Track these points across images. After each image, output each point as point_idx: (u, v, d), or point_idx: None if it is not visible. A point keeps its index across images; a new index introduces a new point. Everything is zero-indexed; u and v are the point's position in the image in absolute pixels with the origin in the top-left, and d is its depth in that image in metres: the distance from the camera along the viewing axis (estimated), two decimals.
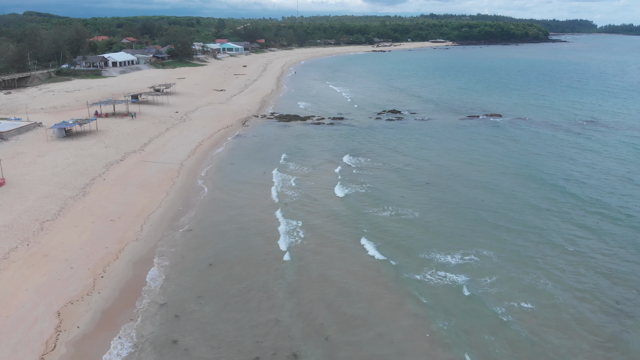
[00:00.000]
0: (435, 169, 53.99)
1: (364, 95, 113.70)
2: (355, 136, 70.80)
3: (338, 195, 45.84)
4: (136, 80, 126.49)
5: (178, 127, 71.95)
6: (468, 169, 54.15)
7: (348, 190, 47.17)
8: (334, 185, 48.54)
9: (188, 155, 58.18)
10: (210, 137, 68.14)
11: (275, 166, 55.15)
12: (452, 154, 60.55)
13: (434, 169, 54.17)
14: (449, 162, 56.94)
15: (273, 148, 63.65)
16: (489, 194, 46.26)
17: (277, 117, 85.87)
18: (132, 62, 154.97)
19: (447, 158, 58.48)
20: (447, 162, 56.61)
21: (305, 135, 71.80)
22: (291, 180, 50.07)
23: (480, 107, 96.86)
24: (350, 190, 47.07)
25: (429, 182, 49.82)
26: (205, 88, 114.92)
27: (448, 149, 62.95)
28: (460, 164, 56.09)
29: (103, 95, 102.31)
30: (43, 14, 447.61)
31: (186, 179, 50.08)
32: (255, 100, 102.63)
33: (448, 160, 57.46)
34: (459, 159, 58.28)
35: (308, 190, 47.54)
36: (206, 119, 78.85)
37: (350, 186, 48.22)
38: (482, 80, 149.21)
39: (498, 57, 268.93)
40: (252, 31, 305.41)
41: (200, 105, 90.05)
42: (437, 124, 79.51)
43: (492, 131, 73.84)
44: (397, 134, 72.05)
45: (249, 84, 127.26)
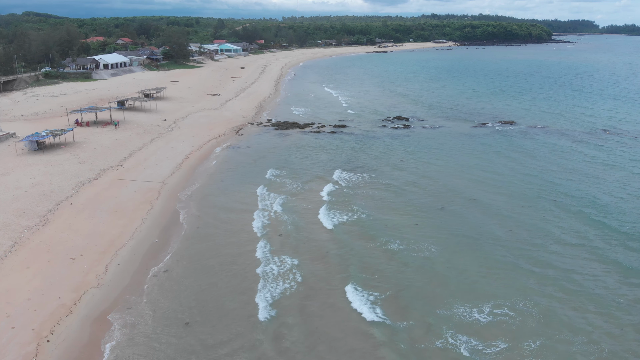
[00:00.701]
0: (446, 192, 47.34)
1: (368, 100, 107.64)
2: (357, 147, 64.75)
3: (328, 228, 38.83)
4: (127, 84, 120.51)
5: (164, 137, 65.91)
6: (484, 191, 47.76)
7: (344, 218, 40.68)
8: (327, 212, 42.19)
9: (172, 172, 52.15)
10: (200, 149, 62.12)
11: (267, 185, 49.10)
12: (465, 170, 54.32)
13: (445, 191, 47.50)
14: (462, 181, 50.60)
15: (267, 161, 57.61)
16: (511, 226, 40.01)
17: (274, 125, 79.90)
18: (124, 64, 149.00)
19: (460, 177, 52.04)
20: (460, 183, 50.21)
21: (304, 146, 65.79)
22: (282, 205, 44.00)
23: (491, 114, 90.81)
24: (347, 219, 40.57)
25: (441, 207, 43.64)
26: (198, 92, 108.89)
27: (461, 164, 56.67)
28: (475, 184, 49.76)
29: (90, 100, 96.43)
30: (41, 14, 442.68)
31: (167, 202, 44.05)
32: (251, 106, 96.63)
33: (461, 180, 51.07)
34: (473, 177, 52.00)
35: (299, 218, 41.46)
36: (196, 128, 72.83)
37: (347, 214, 41.57)
38: (489, 83, 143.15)
39: (503, 58, 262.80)
40: (251, 31, 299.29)
41: (191, 112, 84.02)
42: (447, 133, 73.43)
43: (507, 142, 67.69)
44: (404, 145, 65.99)
45: (245, 88, 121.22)
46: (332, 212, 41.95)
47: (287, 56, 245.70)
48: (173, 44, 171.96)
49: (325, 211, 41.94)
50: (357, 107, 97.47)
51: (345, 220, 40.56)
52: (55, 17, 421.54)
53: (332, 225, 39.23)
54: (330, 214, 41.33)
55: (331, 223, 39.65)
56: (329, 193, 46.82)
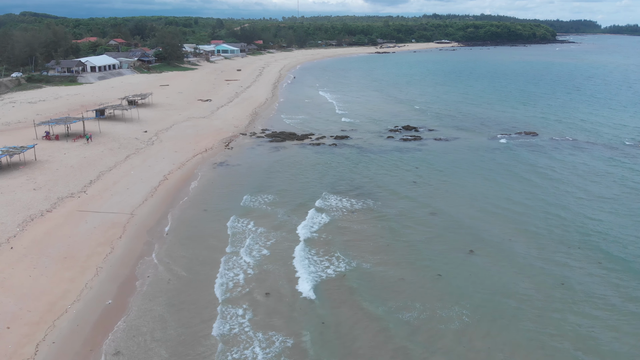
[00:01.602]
0: (469, 234, 38.17)
1: (371, 107, 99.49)
2: (361, 165, 56.64)
3: (309, 298, 29.13)
4: (114, 88, 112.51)
5: (142, 153, 57.81)
6: (517, 230, 39.21)
7: (330, 284, 32.12)
8: (313, 269, 33.77)
9: (145, 198, 44.06)
10: (181, 167, 54.02)
11: (253, 218, 41.02)
12: (490, 201, 45.37)
13: (467, 233, 38.34)
14: (487, 217, 41.24)
15: (257, 184, 49.53)
16: (563, 278, 32.01)
17: (270, 136, 71.86)
18: (113, 66, 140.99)
19: (485, 211, 42.47)
20: (485, 219, 40.78)
21: (300, 162, 57.71)
22: (259, 253, 35.92)
23: (507, 123, 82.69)
24: (333, 285, 32.17)
25: (469, 250, 35.52)
26: (188, 98, 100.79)
27: (485, 191, 47.66)
28: (503, 222, 40.34)
29: (70, 107, 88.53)
30: (40, 15, 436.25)
31: (132, 243, 35.95)
32: (245, 113, 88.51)
33: (486, 215, 41.51)
34: (500, 211, 42.59)
35: (277, 272, 33.41)
36: (181, 140, 64.74)
37: (345, 265, 33.49)
38: (499, 87, 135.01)
39: (509, 59, 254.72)
40: (249, 32, 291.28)
41: (177, 121, 75.88)
42: (464, 147, 65.29)
43: (533, 160, 59.36)
44: (415, 162, 57.84)
45: (240, 92, 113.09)
46: (321, 265, 33.43)
47: (286, 57, 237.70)
48: (166, 45, 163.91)
49: (310, 268, 32.84)
50: (360, 115, 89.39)
51: (338, 285, 32.38)
52: (53, 17, 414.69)
53: (315, 294, 29.39)
54: (317, 271, 32.19)
55: (315, 289, 29.82)
56: (322, 234, 38.67)
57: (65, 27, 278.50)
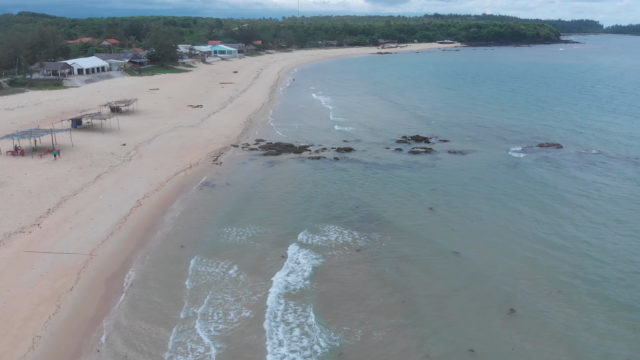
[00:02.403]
0: (504, 285, 30.77)
1: (376, 114, 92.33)
2: (367, 185, 49.46)
3: None
4: (99, 92, 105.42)
5: (117, 171, 50.63)
6: (560, 286, 31.75)
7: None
8: (287, 349, 26.92)
9: (111, 232, 36.94)
10: (160, 189, 46.87)
11: (239, 267, 33.90)
12: (523, 238, 37.61)
13: (501, 283, 30.95)
14: (524, 262, 33.94)
15: (246, 210, 42.45)
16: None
17: (264, 148, 64.77)
18: (102, 68, 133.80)
19: (520, 253, 34.87)
20: (522, 265, 33.49)
21: (296, 182, 50.56)
22: (224, 340, 28.81)
23: (526, 132, 75.54)
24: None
25: (510, 310, 28.39)
26: (178, 103, 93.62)
27: (515, 228, 39.73)
28: (543, 269, 32.94)
29: (50, 114, 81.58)
30: (38, 15, 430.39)
31: (85, 298, 28.83)
32: (238, 121, 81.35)
33: (522, 258, 34.05)
34: (538, 255, 34.85)
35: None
36: (163, 155, 57.59)
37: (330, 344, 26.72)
38: (509, 90, 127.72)
39: (515, 60, 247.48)
40: (247, 32, 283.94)
41: (161, 132, 68.66)
42: (482, 162, 58.06)
43: (565, 178, 52.07)
44: (429, 181, 50.61)
45: (235, 97, 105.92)
46: (306, 341, 26.61)
47: (285, 58, 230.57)
48: (159, 45, 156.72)
49: (290, 344, 26.13)
50: (364, 123, 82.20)
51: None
52: (51, 17, 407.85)
53: None
54: (299, 350, 25.07)
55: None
56: (314, 285, 31.52)
57: (61, 28, 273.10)
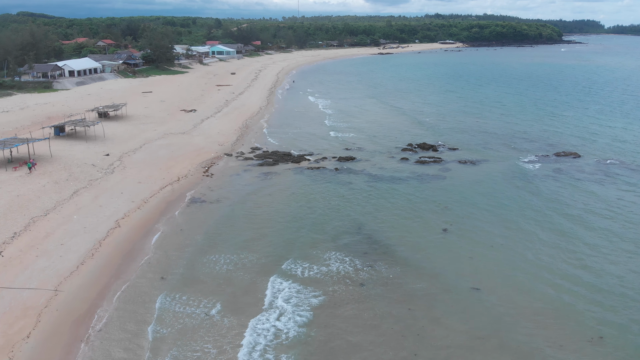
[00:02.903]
0: (534, 328, 26.47)
1: (379, 119, 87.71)
2: (371, 203, 44.86)
3: None
4: (90, 95, 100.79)
5: (97, 186, 46.04)
6: (602, 329, 27.69)
7: None
8: None
9: (82, 260, 32.37)
10: (142, 206, 42.29)
11: (223, 306, 29.35)
12: (543, 271, 32.59)
13: (533, 327, 26.59)
14: (550, 309, 29.82)
15: (235, 233, 37.91)
16: None
17: (260, 157, 60.21)
18: (94, 70, 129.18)
19: (549, 292, 30.49)
20: (553, 306, 29.64)
21: (294, 197, 45.97)
22: None
23: (539, 139, 70.91)
24: None
25: None
26: (170, 107, 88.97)
27: (536, 260, 34.11)
28: (579, 314, 29.25)
29: (35, 120, 77.13)
30: (37, 15, 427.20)
31: (43, 349, 24.22)
32: (234, 126, 76.76)
33: (547, 304, 29.50)
34: (564, 297, 30.11)
35: None
36: (149, 166, 52.98)
37: None
38: (518, 93, 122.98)
39: (519, 61, 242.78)
40: (246, 32, 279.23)
41: (150, 139, 64.01)
42: (496, 174, 53.38)
43: (588, 192, 47.49)
44: (441, 198, 45.90)
45: (231, 100, 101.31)
46: None
47: (285, 59, 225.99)
48: (154, 46, 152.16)
49: None
50: (367, 129, 77.64)
51: None
52: (50, 17, 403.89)
53: None
54: None
55: None
56: (310, 333, 26.98)
57: (58, 28, 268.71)
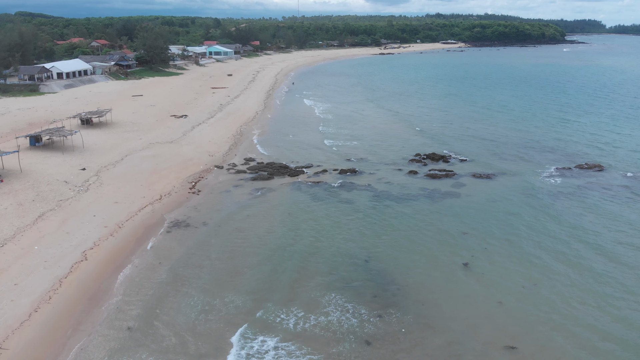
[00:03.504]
0: None
1: (384, 125, 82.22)
2: (377, 230, 39.42)
3: None
4: (77, 100, 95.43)
5: (66, 208, 40.63)
6: None
7: None
8: None
9: (35, 307, 27.01)
10: (116, 233, 36.91)
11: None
12: (589, 331, 28.06)
13: None
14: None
15: (226, 268, 32.56)
16: None
17: (254, 169, 54.82)
18: (85, 72, 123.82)
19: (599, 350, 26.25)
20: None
21: (291, 220, 40.60)
22: None
23: (557, 149, 65.45)
24: None
25: None
26: (160, 112, 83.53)
27: (576, 310, 29.27)
28: None
29: (14, 127, 71.89)
30: (35, 14, 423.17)
31: None
32: (227, 134, 71.37)
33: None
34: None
35: None
36: (129, 182, 47.58)
37: None
38: (526, 97, 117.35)
39: (524, 62, 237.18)
40: (245, 32, 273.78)
41: (133, 150, 58.59)
42: (515, 190, 47.93)
43: (625, 225, 42.15)
44: (457, 221, 40.44)
45: (226, 104, 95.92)
46: None
47: (284, 59, 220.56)
48: (148, 47, 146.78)
49: None
50: (370, 137, 72.23)
51: None
52: (49, 16, 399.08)
53: None
54: None
55: None
56: None
57: (54, 28, 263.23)
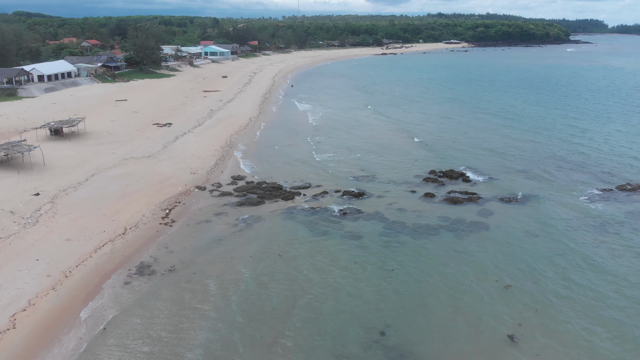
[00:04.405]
0: None
1: (391, 134, 73.99)
2: (393, 280, 31.44)
3: None
4: (55, 105, 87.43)
5: (4, 248, 32.52)
6: None
7: None
8: None
9: None
10: (59, 286, 28.89)
11: None
12: None
13: None
14: None
15: (191, 339, 24.58)
16: None
17: (242, 191, 46.80)
18: (68, 74, 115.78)
19: None
20: None
21: (282, 265, 32.55)
22: None
23: (590, 165, 57.16)
24: None
25: None
26: (142, 120, 75.47)
27: None
28: None
29: None
30: (33, 14, 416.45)
31: None
32: (214, 145, 63.35)
33: None
34: None
35: None
36: (90, 210, 39.55)
37: None
38: (542, 102, 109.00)
39: (531, 62, 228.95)
40: (243, 32, 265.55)
41: (102, 167, 50.49)
42: (552, 219, 39.85)
43: None
44: (488, 267, 32.44)
45: (217, 110, 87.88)
46: None
47: (283, 60, 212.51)
48: (138, 47, 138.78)
49: None
50: (377, 149, 64.12)
51: None
52: (48, 16, 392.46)
53: None
54: None
55: None
56: None
57: (49, 27, 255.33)
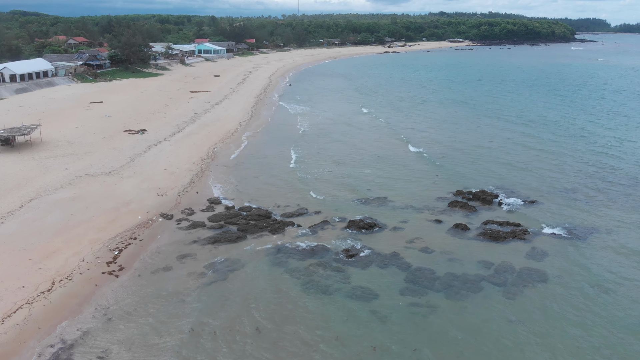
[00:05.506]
0: None
1: (402, 145, 63.01)
2: None
3: None
4: (22, 108, 77.29)
5: None
6: None
7: None
8: None
9: None
10: None
11: None
12: None
13: None
14: None
15: None
16: None
17: (218, 221, 36.82)
18: (44, 73, 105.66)
19: None
20: None
21: (261, 338, 22.46)
22: None
23: (630, 181, 47.27)
24: None
25: None
26: (113, 126, 65.23)
27: None
28: None
29: None
30: (30, 13, 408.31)
31: None
32: (192, 157, 53.11)
33: None
34: None
35: None
36: (10, 253, 29.38)
37: None
38: (565, 105, 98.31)
39: (541, 61, 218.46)
40: (240, 29, 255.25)
41: (46, 189, 40.26)
42: (630, 264, 29.86)
43: None
44: (555, 348, 22.50)
45: (202, 113, 77.69)
46: None
47: (281, 58, 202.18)
48: (124, 44, 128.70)
49: None
50: (387, 162, 53.91)
51: None
52: (45, 15, 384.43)
53: None
54: None
55: None
56: None
57: (42, 26, 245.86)
